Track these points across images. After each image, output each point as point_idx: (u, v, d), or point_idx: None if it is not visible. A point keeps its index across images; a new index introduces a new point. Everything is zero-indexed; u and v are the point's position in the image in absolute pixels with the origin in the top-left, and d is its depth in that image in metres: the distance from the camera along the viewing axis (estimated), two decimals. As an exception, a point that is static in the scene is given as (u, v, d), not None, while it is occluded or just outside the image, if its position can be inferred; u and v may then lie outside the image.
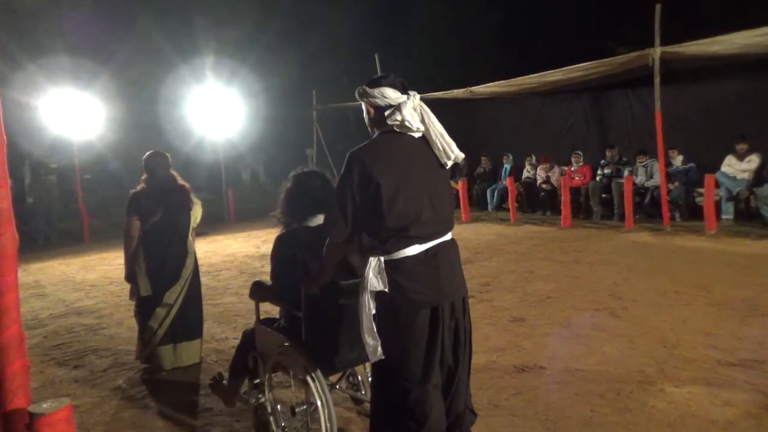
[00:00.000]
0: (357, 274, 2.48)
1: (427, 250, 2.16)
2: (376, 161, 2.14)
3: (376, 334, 2.13)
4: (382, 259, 2.14)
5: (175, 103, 14.56)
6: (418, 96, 2.25)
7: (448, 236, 2.27)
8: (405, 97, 2.22)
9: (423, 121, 2.22)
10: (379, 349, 2.12)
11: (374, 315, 2.15)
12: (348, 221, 2.16)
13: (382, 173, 2.11)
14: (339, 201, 2.17)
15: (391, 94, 2.21)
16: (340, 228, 2.18)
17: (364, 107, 2.32)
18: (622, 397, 3.20)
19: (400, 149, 2.20)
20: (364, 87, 2.27)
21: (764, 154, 8.51)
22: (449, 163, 2.27)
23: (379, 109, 2.24)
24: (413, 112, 2.20)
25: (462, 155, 2.28)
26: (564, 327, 4.46)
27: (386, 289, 2.11)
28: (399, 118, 2.17)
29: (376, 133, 2.29)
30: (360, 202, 2.14)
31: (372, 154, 2.17)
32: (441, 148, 2.23)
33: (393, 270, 2.12)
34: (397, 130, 2.20)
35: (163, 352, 3.98)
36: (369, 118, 2.32)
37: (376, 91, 2.22)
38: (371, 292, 2.13)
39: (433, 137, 2.23)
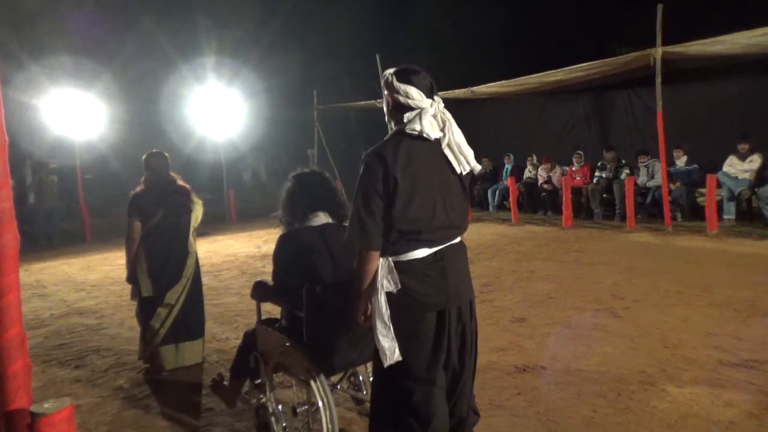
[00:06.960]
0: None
1: (435, 253, 2.11)
2: (396, 160, 2.05)
3: (394, 337, 2.06)
4: (390, 259, 2.09)
5: (176, 103, 14.57)
6: (441, 103, 2.15)
7: (457, 240, 2.21)
8: (429, 102, 2.11)
9: (443, 130, 2.13)
10: (397, 351, 2.05)
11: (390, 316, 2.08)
12: (378, 226, 2.04)
13: (402, 174, 2.03)
14: (365, 207, 2.04)
15: (416, 96, 2.10)
16: (372, 236, 2.04)
17: (384, 97, 2.22)
18: (624, 397, 3.20)
19: (417, 150, 2.10)
20: (392, 75, 2.14)
21: (766, 154, 8.49)
22: (464, 172, 2.19)
23: (399, 106, 2.14)
24: (433, 121, 2.11)
25: (478, 167, 2.21)
26: (565, 327, 4.46)
27: (395, 290, 2.07)
28: (417, 128, 2.07)
29: (393, 128, 2.19)
30: (385, 204, 2.05)
31: (392, 153, 2.06)
32: (456, 159, 2.15)
33: (400, 271, 2.08)
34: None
35: (164, 352, 3.98)
36: (387, 109, 2.22)
37: (401, 88, 2.10)
38: (385, 293, 2.07)
39: (446, 150, 2.13)
